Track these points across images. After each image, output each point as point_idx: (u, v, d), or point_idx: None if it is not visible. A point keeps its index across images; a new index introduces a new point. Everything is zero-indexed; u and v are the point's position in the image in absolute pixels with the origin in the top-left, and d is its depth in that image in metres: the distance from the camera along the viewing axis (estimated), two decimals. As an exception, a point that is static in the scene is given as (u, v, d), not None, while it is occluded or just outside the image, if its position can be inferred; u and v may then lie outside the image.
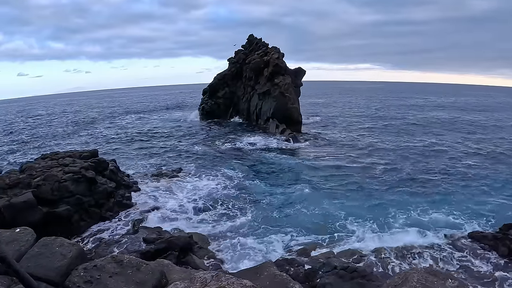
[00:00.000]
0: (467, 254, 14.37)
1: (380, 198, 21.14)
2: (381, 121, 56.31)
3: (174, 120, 60.67)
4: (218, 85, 57.68)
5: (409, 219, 18.05)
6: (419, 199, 20.75)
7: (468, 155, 32.42)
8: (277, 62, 47.09)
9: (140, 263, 5.49)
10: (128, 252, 13.18)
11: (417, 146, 36.28)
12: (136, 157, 32.22)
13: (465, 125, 52.64)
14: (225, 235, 16.39)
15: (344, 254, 14.33)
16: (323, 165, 28.86)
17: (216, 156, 32.17)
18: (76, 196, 16.77)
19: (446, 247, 14.94)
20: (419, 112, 69.63)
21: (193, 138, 41.95)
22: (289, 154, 32.66)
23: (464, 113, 69.87)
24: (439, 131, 46.64)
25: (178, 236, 14.19)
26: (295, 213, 19.10)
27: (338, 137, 41.75)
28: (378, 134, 43.94)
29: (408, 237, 15.89)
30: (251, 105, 50.96)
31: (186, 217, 18.52)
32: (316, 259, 13.35)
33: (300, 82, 52.28)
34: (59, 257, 5.41)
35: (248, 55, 54.80)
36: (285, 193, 22.21)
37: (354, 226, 17.24)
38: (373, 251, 14.62)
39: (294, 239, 16.19)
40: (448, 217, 18.36)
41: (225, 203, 20.36)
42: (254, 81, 50.50)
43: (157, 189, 22.06)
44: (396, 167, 27.86)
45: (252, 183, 24.14)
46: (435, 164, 28.90)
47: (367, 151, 34.16)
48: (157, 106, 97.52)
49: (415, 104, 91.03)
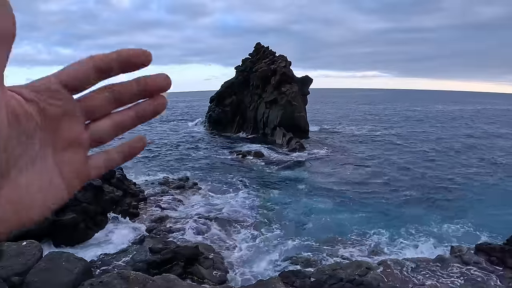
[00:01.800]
0: (474, 267, 14.11)
1: (388, 209, 20.96)
2: (389, 129, 56.03)
3: (181, 128, 60.83)
4: (225, 93, 57.77)
5: (418, 232, 17.86)
6: (429, 211, 20.55)
7: (479, 165, 32.08)
8: (284, 71, 47.14)
9: (146, 280, 5.45)
10: (134, 262, 13.14)
11: (427, 156, 36.01)
12: (143, 166, 32.29)
13: (478, 134, 52.15)
14: (231, 246, 16.30)
15: (351, 266, 14.15)
16: (329, 175, 28.72)
17: (222, 167, 32.14)
18: (83, 204, 16.78)
19: (453, 260, 14.70)
20: (429, 121, 69.25)
21: (200, 148, 41.99)
22: (295, 165, 32.54)
23: (474, 122, 69.36)
24: (451, 140, 46.27)
25: (184, 246, 14.13)
26: (301, 223, 18.98)
27: (345, 146, 41.58)
28: (387, 143, 43.71)
29: (416, 250, 15.70)
30: (258, 113, 50.94)
31: (192, 226, 18.44)
32: (323, 271, 13.20)
33: (307, 90, 52.27)
34: (65, 273, 5.38)
35: (255, 63, 54.89)
36: (290, 204, 22.10)
37: (361, 238, 17.08)
38: (380, 264, 14.42)
39: (301, 250, 16.05)
40: (456, 229, 18.14)
41: (231, 213, 20.27)
42: (261, 89, 50.53)
43: (164, 198, 22.03)
44: (405, 178, 27.65)
45: (258, 193, 24.05)
46: (445, 175, 28.63)
47: (375, 160, 33.97)
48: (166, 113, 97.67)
49: (423, 112, 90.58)
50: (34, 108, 0.52)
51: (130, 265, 12.72)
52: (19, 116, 0.50)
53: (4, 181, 0.48)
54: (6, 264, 5.62)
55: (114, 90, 0.60)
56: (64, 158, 0.57)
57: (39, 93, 0.53)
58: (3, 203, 0.48)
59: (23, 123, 0.50)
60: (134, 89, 0.60)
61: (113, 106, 0.61)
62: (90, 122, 0.60)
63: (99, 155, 0.62)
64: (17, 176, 0.50)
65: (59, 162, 0.56)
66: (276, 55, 53.14)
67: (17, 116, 0.49)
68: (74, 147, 0.58)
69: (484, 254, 14.90)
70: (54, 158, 0.55)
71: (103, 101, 0.59)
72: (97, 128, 0.60)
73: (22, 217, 0.51)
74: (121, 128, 0.63)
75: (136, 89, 0.60)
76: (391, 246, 16.27)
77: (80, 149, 0.58)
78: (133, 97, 0.61)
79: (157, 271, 12.22)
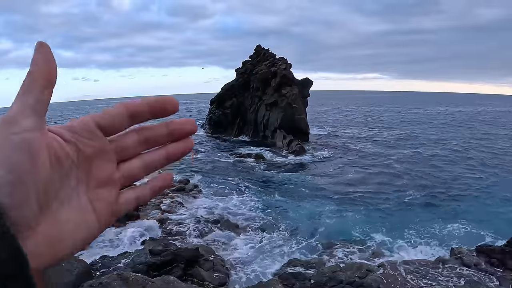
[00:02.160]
0: (474, 269, 14.10)
1: (388, 211, 20.96)
2: (390, 131, 56.04)
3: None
4: (226, 96, 57.82)
5: (418, 233, 17.86)
6: (429, 213, 20.55)
7: (480, 167, 32.06)
8: (284, 73, 47.20)
9: (146, 281, 5.46)
10: (134, 264, 13.14)
11: (428, 157, 36.00)
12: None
13: (479, 135, 52.14)
14: (231, 248, 16.30)
15: (351, 268, 14.15)
16: (330, 177, 28.72)
17: (223, 169, 32.17)
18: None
19: (453, 262, 14.69)
20: (428, 122, 69.23)
21: (200, 150, 41.97)
22: (296, 167, 32.54)
23: (475, 123, 69.37)
24: (452, 142, 46.25)
25: (185, 248, 14.13)
26: (301, 226, 18.97)
27: (345, 148, 41.59)
28: (387, 145, 43.70)
29: (416, 252, 15.70)
30: (258, 116, 50.96)
31: (193, 229, 18.44)
32: (323, 273, 13.20)
33: (308, 92, 52.31)
34: (65, 273, 5.39)
35: (255, 65, 54.96)
36: (290, 206, 22.10)
37: (361, 240, 17.07)
38: (380, 266, 14.42)
39: (301, 252, 16.05)
40: (456, 230, 18.14)
41: (231, 215, 20.28)
42: (262, 91, 50.57)
43: (164, 201, 22.03)
44: (405, 180, 27.65)
45: (259, 196, 24.07)
46: (446, 176, 28.62)
47: (375, 162, 33.99)
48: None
49: (424, 114, 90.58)
50: (71, 148, 0.56)
51: (130, 267, 12.71)
52: (60, 158, 0.54)
53: (43, 217, 0.51)
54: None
55: (145, 133, 0.65)
56: (97, 196, 0.60)
57: (76, 133, 0.57)
58: (40, 239, 0.50)
59: (63, 164, 0.54)
60: (164, 133, 0.65)
61: (143, 147, 0.65)
62: (122, 162, 0.64)
63: (131, 191, 0.65)
64: (56, 212, 0.53)
65: (93, 200, 0.59)
66: (277, 58, 53.24)
67: (59, 158, 0.53)
68: (107, 185, 0.61)
69: (484, 255, 14.88)
70: (88, 195, 0.58)
71: (134, 143, 0.64)
72: (128, 167, 0.65)
73: (58, 252, 0.53)
74: (150, 168, 0.67)
75: (165, 133, 0.65)
76: (392, 248, 16.26)
77: (112, 187, 0.62)
78: (162, 139, 0.66)
79: (157, 273, 12.22)
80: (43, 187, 0.51)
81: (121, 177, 0.63)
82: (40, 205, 0.51)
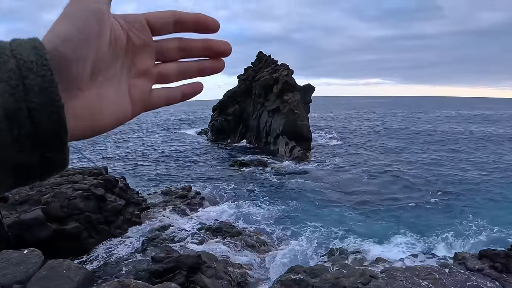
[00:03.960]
0: (478, 274, 13.98)
1: (391, 217, 20.88)
2: (392, 134, 55.96)
3: (185, 137, 61.00)
4: (228, 102, 57.98)
5: (422, 239, 17.77)
6: (431, 218, 20.43)
7: (486, 171, 31.94)
8: (286, 79, 47.31)
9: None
10: (136, 271, 13.11)
11: (432, 161, 35.89)
12: (145, 175, 32.36)
13: (483, 137, 52.00)
14: (233, 254, 16.25)
15: (354, 274, 14.05)
16: (333, 182, 28.66)
17: (225, 176, 32.11)
18: (86, 213, 16.81)
19: (457, 267, 14.59)
20: (432, 126, 69.10)
21: (203, 157, 42.01)
22: (298, 173, 32.49)
23: (479, 126, 69.17)
24: (455, 144, 46.17)
25: (187, 255, 14.08)
26: (304, 232, 18.90)
27: (348, 153, 41.56)
28: (389, 149, 43.63)
29: (419, 257, 15.59)
30: (260, 122, 51.03)
31: (195, 235, 18.42)
32: (326, 280, 13.12)
33: (310, 98, 52.41)
34: (66, 281, 5.39)
35: (257, 72, 55.15)
36: (292, 212, 22.05)
37: (364, 246, 16.99)
38: (383, 272, 14.33)
39: (304, 259, 15.98)
40: (460, 235, 18.03)
41: (233, 222, 20.23)
42: (264, 98, 50.68)
43: (166, 208, 22.02)
44: (408, 184, 27.55)
45: (261, 202, 24.02)
46: (451, 181, 28.51)
47: (378, 167, 33.92)
48: (167, 122, 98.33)
49: (427, 118, 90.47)
50: (125, 35, 0.63)
51: (132, 274, 12.68)
52: (117, 39, 0.61)
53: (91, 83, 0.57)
54: (7, 271, 5.63)
55: (185, 41, 0.72)
56: (135, 83, 0.67)
57: (129, 23, 0.64)
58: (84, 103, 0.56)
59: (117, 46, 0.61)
60: (200, 46, 0.72)
61: (180, 54, 0.72)
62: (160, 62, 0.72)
63: (163, 90, 0.73)
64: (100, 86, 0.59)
65: (131, 86, 0.66)
66: (278, 64, 53.40)
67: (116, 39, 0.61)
68: (144, 76, 0.68)
69: (488, 260, 14.74)
70: (127, 81, 0.65)
71: (174, 48, 0.71)
72: (165, 68, 0.72)
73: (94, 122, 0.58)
74: (183, 74, 0.73)
75: (201, 47, 0.72)
76: (395, 254, 16.18)
77: (148, 79, 0.69)
78: (198, 52, 0.72)
79: (159, 280, 12.18)
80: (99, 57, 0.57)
81: (156, 74, 0.70)
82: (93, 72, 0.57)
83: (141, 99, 0.67)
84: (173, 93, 0.73)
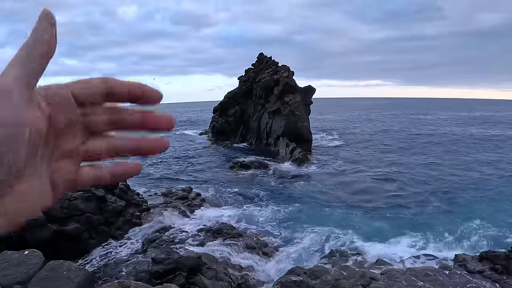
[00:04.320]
0: (478, 276, 13.96)
1: (394, 219, 20.85)
2: (393, 136, 55.94)
3: (185, 139, 61.04)
4: (229, 103, 58.03)
5: (422, 241, 17.74)
6: (433, 220, 20.41)
7: (488, 172, 31.90)
8: (287, 81, 47.35)
9: (147, 289, 5.46)
10: (137, 272, 13.12)
11: (432, 162, 35.87)
12: (146, 176, 32.36)
13: (483, 138, 51.96)
14: (233, 256, 16.24)
15: (354, 276, 14.05)
16: (334, 184, 28.64)
17: (226, 178, 32.11)
18: (86, 214, 16.83)
19: (457, 269, 14.58)
20: (433, 127, 69.06)
21: (203, 159, 42.02)
22: (299, 174, 32.48)
23: (479, 127, 69.12)
24: (456, 145, 46.12)
25: (187, 257, 14.07)
26: (305, 233, 18.89)
27: (348, 154, 41.54)
28: (390, 150, 43.61)
29: (420, 260, 15.58)
30: (261, 123, 51.06)
31: (195, 237, 18.42)
32: (326, 281, 13.11)
33: (310, 100, 52.44)
34: (66, 282, 5.40)
35: (258, 73, 55.20)
36: (293, 214, 22.03)
37: (365, 248, 16.98)
38: (383, 274, 14.32)
39: (305, 261, 15.97)
40: (461, 236, 18.02)
41: (234, 223, 20.24)
42: (264, 99, 50.72)
43: (167, 209, 22.03)
44: (410, 186, 27.52)
45: (262, 204, 24.01)
46: (453, 183, 28.48)
47: (379, 169, 33.88)
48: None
49: (428, 119, 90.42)
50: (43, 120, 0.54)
51: (133, 275, 12.69)
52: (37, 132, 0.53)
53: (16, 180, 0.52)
54: (8, 272, 5.66)
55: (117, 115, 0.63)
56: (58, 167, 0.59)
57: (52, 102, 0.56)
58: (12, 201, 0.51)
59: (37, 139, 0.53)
60: (137, 121, 0.63)
61: (112, 127, 0.63)
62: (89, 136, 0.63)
63: (90, 170, 0.63)
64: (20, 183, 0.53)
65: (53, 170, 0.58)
66: (279, 65, 53.42)
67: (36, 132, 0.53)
68: (69, 157, 0.60)
69: (489, 262, 14.71)
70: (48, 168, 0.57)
71: (104, 121, 0.62)
72: (94, 145, 0.63)
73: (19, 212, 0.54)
74: (115, 152, 0.64)
75: (138, 121, 0.63)
76: (395, 255, 16.16)
77: (74, 160, 0.61)
78: (134, 127, 0.64)
79: (160, 281, 12.18)
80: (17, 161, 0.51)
81: (84, 152, 0.62)
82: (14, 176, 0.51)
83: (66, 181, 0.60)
84: (100, 173, 0.64)
